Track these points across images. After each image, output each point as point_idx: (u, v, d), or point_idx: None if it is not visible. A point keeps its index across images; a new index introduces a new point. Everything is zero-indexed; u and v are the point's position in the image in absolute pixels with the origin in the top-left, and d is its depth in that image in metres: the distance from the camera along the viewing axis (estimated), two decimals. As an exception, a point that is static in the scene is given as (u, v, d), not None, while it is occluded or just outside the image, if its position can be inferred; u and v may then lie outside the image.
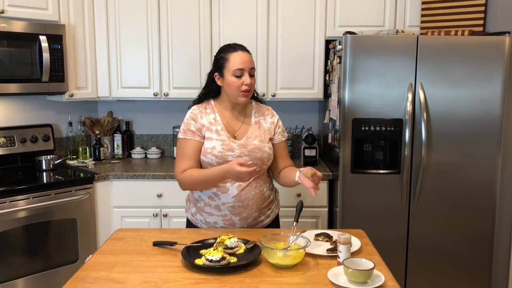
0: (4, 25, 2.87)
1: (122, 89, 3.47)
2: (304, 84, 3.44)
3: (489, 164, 2.90)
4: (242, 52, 2.11)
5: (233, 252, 1.78)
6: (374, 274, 1.60)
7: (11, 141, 3.26)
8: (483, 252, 2.97)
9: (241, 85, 2.07)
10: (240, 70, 2.07)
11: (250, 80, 2.08)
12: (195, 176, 2.08)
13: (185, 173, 2.09)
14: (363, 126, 2.89)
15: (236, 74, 2.07)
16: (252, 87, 2.12)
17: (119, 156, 3.74)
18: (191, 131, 2.13)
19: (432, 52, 2.83)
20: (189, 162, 2.10)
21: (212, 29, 3.39)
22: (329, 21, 3.37)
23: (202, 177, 2.07)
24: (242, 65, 2.07)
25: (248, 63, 2.09)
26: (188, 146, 2.12)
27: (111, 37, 3.39)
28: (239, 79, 2.07)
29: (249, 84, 2.07)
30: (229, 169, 1.93)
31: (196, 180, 2.08)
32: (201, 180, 2.07)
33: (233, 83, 2.08)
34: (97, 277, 1.64)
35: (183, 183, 2.12)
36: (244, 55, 2.10)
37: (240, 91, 2.08)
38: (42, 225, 2.88)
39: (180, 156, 2.14)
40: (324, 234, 1.99)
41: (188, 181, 2.10)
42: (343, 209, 2.97)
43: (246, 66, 2.08)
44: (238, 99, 2.12)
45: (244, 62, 2.08)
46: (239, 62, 2.07)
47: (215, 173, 2.02)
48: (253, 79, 2.11)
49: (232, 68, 2.07)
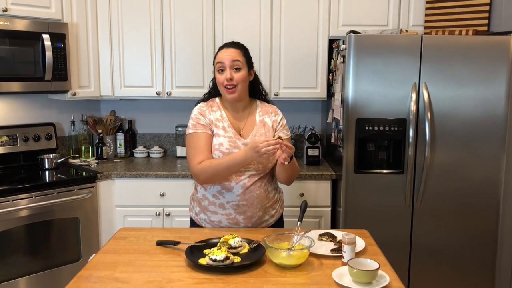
0: (7, 23, 2.86)
1: (125, 88, 3.46)
2: (307, 84, 3.43)
3: (493, 164, 2.89)
4: (227, 48, 2.10)
5: (237, 252, 1.77)
6: (379, 275, 1.59)
7: (13, 140, 3.25)
8: (486, 252, 2.96)
9: (223, 81, 2.06)
10: (220, 63, 2.07)
11: (230, 75, 2.04)
12: (215, 164, 2.01)
13: (203, 163, 2.03)
14: (367, 126, 2.88)
15: (219, 68, 2.08)
16: (238, 82, 2.06)
17: (121, 155, 3.74)
18: (202, 125, 2.11)
19: (436, 52, 2.82)
20: (205, 154, 2.06)
21: (215, 28, 3.38)
22: (332, 20, 3.36)
23: (224, 163, 1.99)
24: (221, 59, 2.07)
25: (229, 57, 2.06)
26: (201, 139, 2.09)
27: (113, 36, 3.39)
28: (221, 75, 2.07)
29: (228, 78, 2.04)
30: (252, 145, 1.89)
31: (216, 167, 2.01)
32: (223, 166, 2.00)
33: (217, 79, 2.10)
34: (100, 276, 1.64)
35: (202, 173, 2.04)
36: (227, 50, 2.09)
37: (223, 86, 2.07)
38: (44, 224, 2.87)
39: (194, 150, 2.09)
40: (328, 234, 1.98)
41: (208, 170, 2.02)
42: (346, 209, 2.96)
43: (226, 59, 2.06)
44: (226, 96, 2.10)
45: (224, 56, 2.07)
46: (219, 57, 2.08)
47: (237, 156, 1.97)
48: (238, 73, 2.06)
49: (216, 63, 2.09)
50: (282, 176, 2.15)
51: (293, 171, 2.13)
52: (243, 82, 2.10)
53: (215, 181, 2.08)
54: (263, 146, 1.86)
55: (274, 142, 1.87)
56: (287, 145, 1.90)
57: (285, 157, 1.91)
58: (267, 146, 1.85)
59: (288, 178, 2.16)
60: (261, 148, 1.86)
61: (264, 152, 1.86)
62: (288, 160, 1.94)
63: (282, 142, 1.89)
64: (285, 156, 1.91)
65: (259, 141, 1.88)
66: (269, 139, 1.90)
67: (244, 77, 2.10)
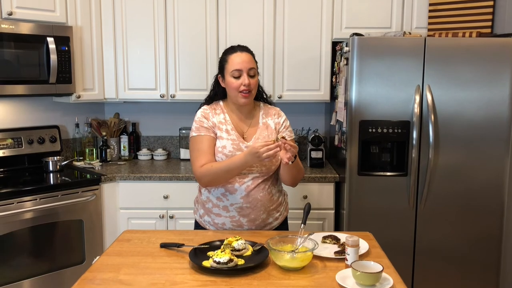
0: (12, 27, 2.88)
1: (129, 91, 3.48)
2: (310, 86, 3.44)
3: (497, 166, 2.88)
4: (241, 52, 2.11)
5: (241, 254, 1.77)
6: (383, 277, 1.59)
7: (18, 142, 3.27)
8: (491, 254, 2.95)
9: (239, 86, 2.07)
10: (237, 71, 2.07)
11: (248, 80, 2.06)
12: (215, 167, 2.03)
13: (205, 167, 2.06)
14: (370, 128, 2.88)
15: (234, 75, 2.07)
16: (252, 87, 2.10)
17: (125, 158, 3.75)
18: (205, 128, 2.12)
19: (440, 54, 2.81)
20: (208, 157, 2.08)
21: (219, 30, 3.39)
22: (335, 23, 3.36)
23: (223, 167, 2.02)
24: (239, 66, 2.07)
25: (246, 63, 2.08)
26: (204, 141, 2.11)
27: (118, 38, 3.40)
28: (237, 80, 2.07)
29: (247, 84, 2.06)
30: (251, 151, 1.90)
31: (216, 171, 2.03)
32: (222, 169, 2.02)
33: (231, 84, 2.09)
34: (104, 278, 1.64)
35: (203, 176, 2.06)
36: (242, 55, 2.09)
37: (239, 92, 2.08)
38: (48, 226, 2.88)
39: (197, 152, 2.11)
40: (332, 236, 1.98)
41: (209, 174, 2.05)
42: (349, 211, 2.96)
43: (244, 66, 2.07)
44: (239, 100, 2.11)
45: (242, 62, 2.08)
46: (236, 63, 2.07)
47: (236, 160, 1.99)
48: (253, 79, 2.09)
49: (230, 69, 2.08)
50: (287, 177, 2.15)
51: (298, 171, 2.13)
52: (256, 88, 2.15)
53: (217, 183, 2.09)
54: (263, 151, 1.87)
55: (274, 145, 1.88)
56: (291, 144, 1.91)
57: (289, 157, 1.92)
58: (267, 151, 1.87)
59: (293, 179, 2.16)
60: (262, 153, 1.87)
61: (266, 157, 1.88)
62: (292, 160, 1.95)
63: (286, 141, 1.90)
64: (289, 155, 1.92)
65: (258, 146, 1.89)
66: (268, 142, 1.91)
67: (257, 83, 2.15)
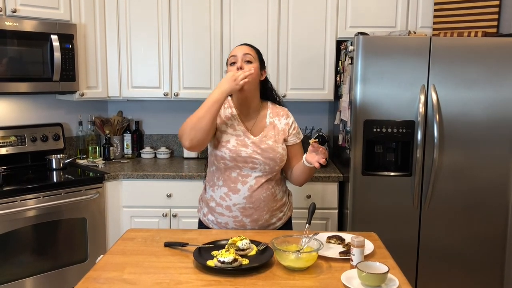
0: (16, 24, 2.87)
1: (132, 89, 3.47)
2: (314, 85, 3.42)
3: (502, 166, 2.87)
4: (241, 45, 2.16)
5: (245, 254, 1.76)
6: (388, 278, 1.58)
7: (21, 140, 3.27)
8: (495, 255, 2.94)
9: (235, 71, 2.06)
10: (233, 56, 2.10)
11: (241, 64, 2.06)
12: (194, 113, 2.02)
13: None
14: (375, 128, 2.86)
15: (231, 61, 2.10)
16: (249, 73, 2.01)
17: (128, 156, 3.75)
18: None
19: (445, 54, 2.80)
20: None
21: (223, 29, 3.38)
22: (340, 22, 3.35)
23: (201, 106, 2.01)
24: (234, 52, 2.11)
25: (241, 50, 2.10)
26: None
27: (121, 36, 3.39)
28: (233, 67, 2.09)
29: (240, 67, 2.05)
30: (228, 77, 1.98)
31: (195, 114, 2.00)
32: (200, 109, 2.00)
33: (228, 72, 2.10)
34: (109, 277, 1.64)
35: (184, 130, 2.02)
36: (240, 46, 2.14)
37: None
38: (51, 224, 2.88)
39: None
40: (337, 236, 1.97)
41: (188, 123, 2.01)
42: (353, 211, 2.95)
43: (239, 52, 2.09)
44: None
45: (237, 50, 2.11)
46: (232, 52, 2.12)
47: (211, 92, 2.01)
48: (250, 65, 2.07)
49: (228, 59, 2.13)
50: (302, 178, 2.17)
51: (313, 172, 2.17)
52: (254, 77, 2.07)
53: (201, 134, 1.98)
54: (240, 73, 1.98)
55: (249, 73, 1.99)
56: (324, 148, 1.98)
57: (323, 161, 1.96)
58: (244, 79, 1.97)
59: (306, 180, 2.20)
60: (238, 75, 1.97)
61: (242, 78, 1.97)
62: (325, 162, 1.98)
63: (320, 146, 1.97)
64: (323, 160, 1.95)
65: (237, 73, 1.98)
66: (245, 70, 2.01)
67: (257, 72, 2.10)
